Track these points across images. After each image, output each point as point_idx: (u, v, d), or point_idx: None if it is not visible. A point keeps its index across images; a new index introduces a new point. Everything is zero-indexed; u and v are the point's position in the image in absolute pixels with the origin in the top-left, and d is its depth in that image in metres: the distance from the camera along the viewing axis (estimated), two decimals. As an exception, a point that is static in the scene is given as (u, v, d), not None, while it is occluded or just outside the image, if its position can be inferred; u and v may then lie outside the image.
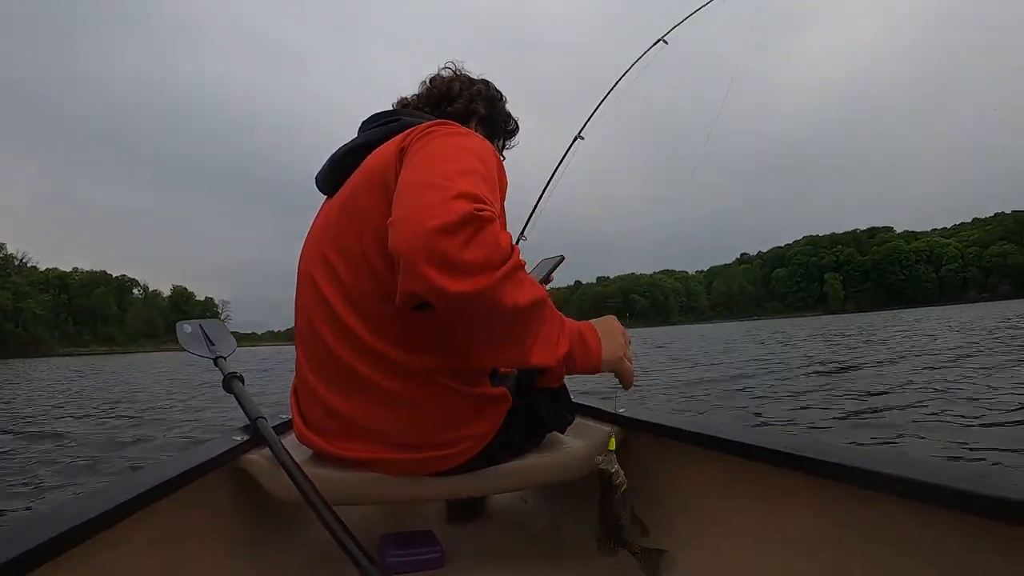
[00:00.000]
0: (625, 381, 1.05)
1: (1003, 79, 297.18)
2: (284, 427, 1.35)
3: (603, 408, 1.37)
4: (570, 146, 1.65)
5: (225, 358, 1.48)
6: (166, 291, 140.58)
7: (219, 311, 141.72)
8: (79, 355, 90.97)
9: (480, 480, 1.09)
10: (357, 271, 0.98)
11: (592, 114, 1.59)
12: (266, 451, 1.07)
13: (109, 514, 0.78)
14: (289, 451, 0.98)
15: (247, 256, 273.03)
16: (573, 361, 0.94)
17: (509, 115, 1.36)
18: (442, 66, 1.30)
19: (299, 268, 1.14)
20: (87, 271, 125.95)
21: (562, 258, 1.55)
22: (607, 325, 1.03)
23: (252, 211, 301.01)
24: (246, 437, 1.19)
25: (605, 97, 1.52)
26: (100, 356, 76.02)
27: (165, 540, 0.95)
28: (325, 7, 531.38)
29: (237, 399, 1.24)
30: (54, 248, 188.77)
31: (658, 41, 1.62)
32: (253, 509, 1.22)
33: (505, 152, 1.40)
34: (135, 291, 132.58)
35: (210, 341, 1.56)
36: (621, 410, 1.32)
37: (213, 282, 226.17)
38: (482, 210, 0.78)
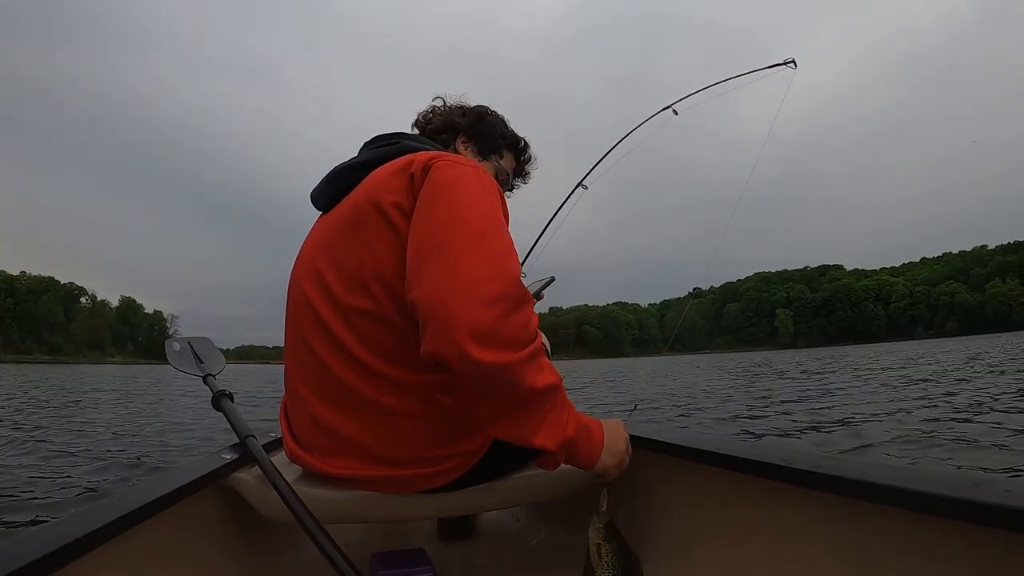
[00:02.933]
0: (609, 478, 1.03)
1: (955, 123, 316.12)
2: (274, 445, 1.36)
3: None
4: (571, 193, 1.63)
5: (215, 376, 1.48)
6: (114, 301, 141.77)
7: (168, 325, 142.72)
8: (23, 363, 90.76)
9: (472, 497, 1.10)
10: (352, 290, 1.00)
11: (595, 165, 1.57)
12: (256, 470, 1.07)
13: (92, 536, 0.76)
14: (279, 470, 0.98)
15: (195, 271, 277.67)
16: (575, 450, 0.95)
17: (515, 136, 1.37)
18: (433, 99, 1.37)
19: (290, 282, 1.15)
20: (35, 276, 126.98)
21: (552, 279, 1.64)
22: (613, 428, 1.05)
23: (201, 226, 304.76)
24: (235, 456, 1.19)
25: (610, 151, 1.51)
26: (44, 365, 74.43)
27: (152, 562, 0.94)
28: (291, 24, 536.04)
29: (227, 417, 1.25)
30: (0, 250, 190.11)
31: (668, 108, 1.64)
32: (243, 528, 1.22)
33: (523, 180, 1.43)
34: (83, 300, 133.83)
35: (199, 359, 1.57)
36: None
37: (161, 294, 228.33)
38: (520, 288, 0.84)
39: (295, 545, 1.33)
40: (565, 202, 1.73)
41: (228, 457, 1.19)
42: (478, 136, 1.32)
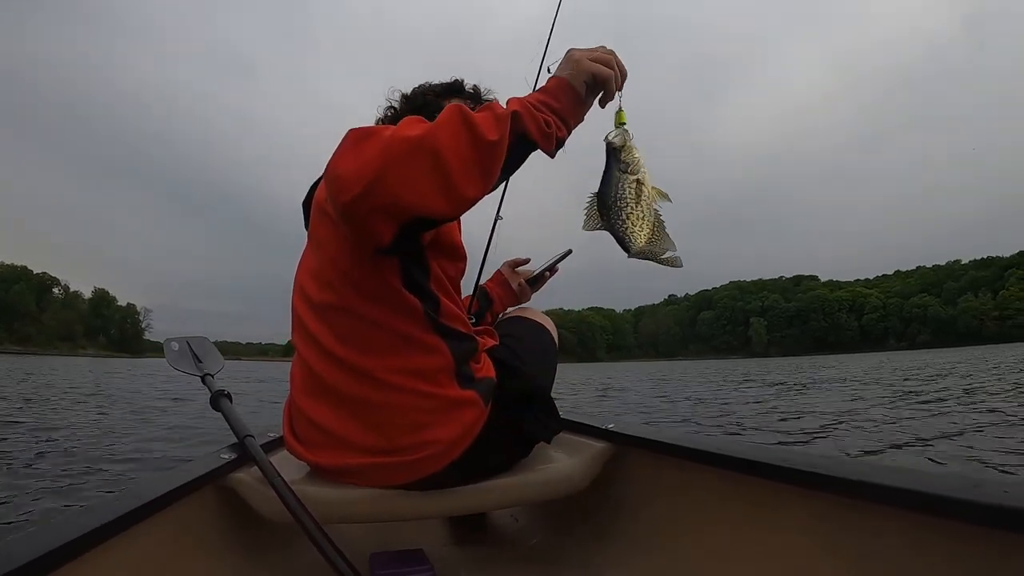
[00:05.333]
0: (602, 75, 1.00)
1: (931, 140, 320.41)
2: (273, 445, 1.39)
3: (593, 424, 1.41)
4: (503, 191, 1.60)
5: (213, 376, 1.49)
6: (87, 293, 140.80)
7: (140, 318, 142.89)
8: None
9: (470, 497, 1.11)
10: (322, 288, 1.08)
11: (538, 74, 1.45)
12: (255, 470, 1.08)
13: (89, 537, 0.76)
14: (278, 469, 0.98)
15: (171, 265, 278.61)
16: (542, 103, 0.97)
17: (444, 84, 1.40)
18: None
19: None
20: (8, 264, 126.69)
21: (570, 251, 1.66)
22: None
23: (178, 220, 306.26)
24: (234, 455, 1.20)
25: (538, 75, 1.41)
26: (15, 356, 72.95)
27: (150, 563, 0.93)
28: (275, 15, 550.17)
29: (225, 417, 1.25)
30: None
31: None
32: (242, 529, 1.22)
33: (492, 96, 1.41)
34: (55, 290, 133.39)
35: (197, 358, 1.58)
36: (610, 425, 1.36)
37: (135, 287, 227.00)
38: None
39: (294, 545, 1.33)
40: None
41: (227, 457, 1.19)
42: (416, 110, 1.35)
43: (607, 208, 1.07)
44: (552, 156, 0.99)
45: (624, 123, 1.07)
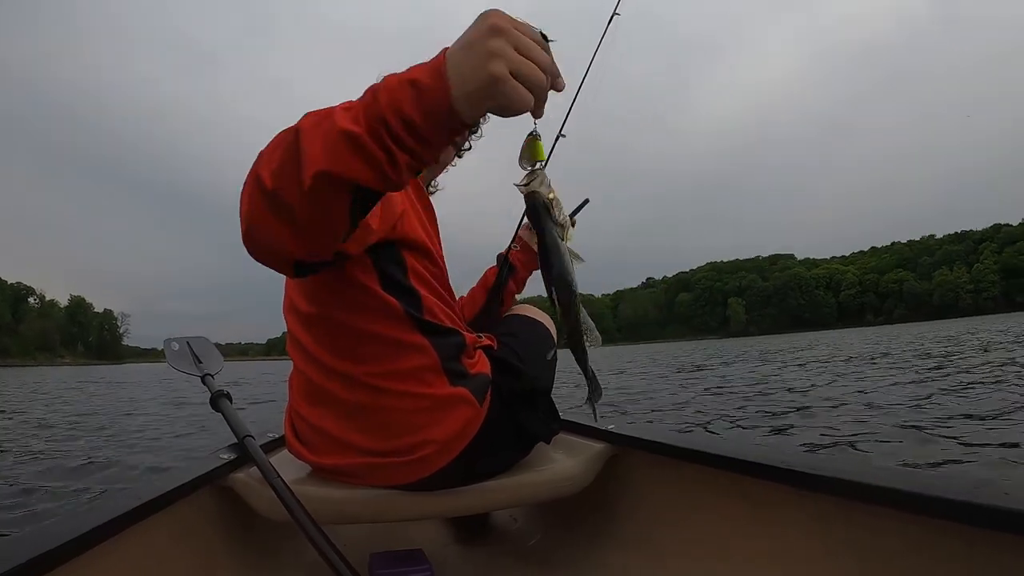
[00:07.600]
0: (515, 107, 0.62)
1: (904, 118, 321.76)
2: (273, 446, 1.40)
3: (592, 425, 1.41)
4: (553, 146, 1.57)
5: (213, 376, 1.50)
6: (63, 300, 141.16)
7: (118, 324, 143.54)
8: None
9: (470, 497, 1.12)
10: (305, 298, 1.10)
11: (570, 109, 1.50)
12: (254, 470, 1.08)
13: (88, 537, 0.77)
14: (278, 470, 0.98)
15: (144, 268, 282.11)
16: (400, 116, 0.62)
17: None
18: None
19: None
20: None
21: (587, 201, 1.62)
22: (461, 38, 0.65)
23: (148, 222, 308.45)
24: (233, 456, 1.21)
25: (579, 89, 1.45)
26: None
27: (149, 563, 0.95)
28: (237, 7, 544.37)
29: (225, 417, 1.26)
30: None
31: (613, 16, 1.58)
32: (241, 529, 1.23)
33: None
34: (31, 300, 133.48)
35: (197, 359, 1.59)
36: (610, 426, 1.36)
37: (111, 292, 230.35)
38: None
39: (294, 545, 1.34)
40: (549, 155, 1.58)
41: (226, 457, 1.20)
42: None
43: (565, 286, 0.83)
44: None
45: (542, 160, 0.77)
